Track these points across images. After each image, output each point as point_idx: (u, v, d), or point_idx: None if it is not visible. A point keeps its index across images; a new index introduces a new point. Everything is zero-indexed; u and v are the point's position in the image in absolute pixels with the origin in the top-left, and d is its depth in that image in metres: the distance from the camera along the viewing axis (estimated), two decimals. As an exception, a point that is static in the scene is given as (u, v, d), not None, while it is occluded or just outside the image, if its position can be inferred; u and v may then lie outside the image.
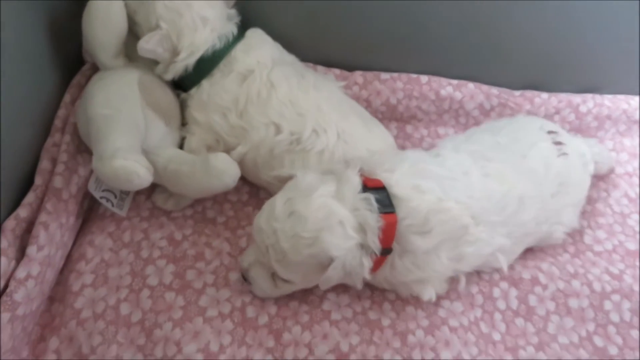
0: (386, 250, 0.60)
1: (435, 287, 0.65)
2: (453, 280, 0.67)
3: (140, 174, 0.58)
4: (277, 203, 0.60)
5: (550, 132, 0.71)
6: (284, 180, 0.63)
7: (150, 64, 0.70)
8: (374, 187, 0.60)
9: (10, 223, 0.61)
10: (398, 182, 0.61)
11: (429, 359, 0.62)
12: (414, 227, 0.60)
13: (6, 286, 0.58)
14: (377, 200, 0.59)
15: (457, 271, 0.66)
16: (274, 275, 0.62)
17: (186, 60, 0.68)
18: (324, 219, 0.58)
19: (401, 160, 0.64)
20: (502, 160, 0.66)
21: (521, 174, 0.66)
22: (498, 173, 0.65)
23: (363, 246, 0.59)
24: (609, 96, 0.85)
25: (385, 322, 0.65)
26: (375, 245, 0.58)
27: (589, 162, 0.73)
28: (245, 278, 0.64)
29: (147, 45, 0.66)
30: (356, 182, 0.60)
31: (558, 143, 0.70)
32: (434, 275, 0.64)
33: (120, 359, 0.60)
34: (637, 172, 0.83)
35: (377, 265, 0.61)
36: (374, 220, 0.58)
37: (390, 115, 0.85)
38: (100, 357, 0.60)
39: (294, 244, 0.58)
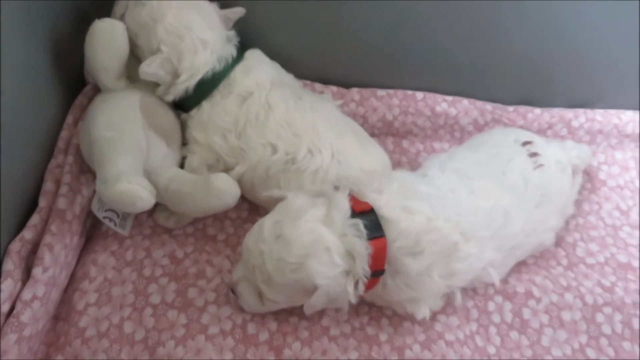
0: (378, 273, 0.60)
1: (430, 304, 0.65)
2: (449, 295, 0.68)
3: (144, 198, 0.60)
4: (266, 224, 0.60)
5: (525, 143, 0.72)
6: (278, 201, 0.65)
7: (152, 86, 0.71)
8: (363, 211, 0.61)
9: (15, 245, 0.62)
10: (387, 204, 0.61)
11: (426, 374, 0.64)
12: (405, 248, 0.61)
13: (12, 308, 0.59)
14: (366, 226, 0.59)
15: (450, 287, 0.66)
16: (260, 293, 0.62)
17: (187, 82, 0.69)
18: (311, 244, 0.58)
19: (389, 181, 0.65)
20: (484, 177, 0.68)
21: (504, 189, 0.67)
22: (482, 190, 0.66)
23: (349, 273, 0.59)
24: (600, 111, 0.87)
25: (383, 337, 0.66)
26: (365, 271, 0.58)
27: (566, 167, 0.73)
28: (233, 291, 0.65)
29: (149, 69, 0.67)
30: (346, 206, 0.60)
31: (534, 154, 0.71)
32: (427, 294, 0.64)
33: (124, 377, 0.61)
34: (628, 184, 0.85)
35: (369, 286, 0.61)
36: (362, 247, 0.58)
37: (386, 131, 0.87)
38: (105, 374, 0.61)
39: (279, 267, 0.58)
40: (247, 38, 0.77)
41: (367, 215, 0.60)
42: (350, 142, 0.72)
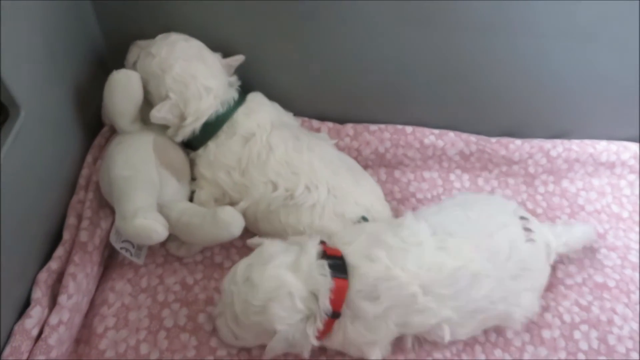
0: (336, 314, 0.62)
1: (384, 347, 0.67)
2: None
3: (159, 231, 0.66)
4: (239, 267, 0.64)
5: (522, 218, 0.73)
6: (278, 233, 0.70)
7: (163, 127, 0.77)
8: (332, 256, 0.64)
9: (43, 275, 0.68)
10: (353, 252, 0.65)
11: (415, 390, 0.68)
12: (363, 292, 0.63)
13: (41, 332, 0.65)
14: (331, 266, 0.62)
15: (402, 333, 0.68)
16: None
17: (193, 124, 0.75)
18: (274, 289, 0.61)
19: (359, 233, 0.68)
20: (464, 236, 0.68)
21: (481, 251, 0.67)
22: (456, 248, 0.66)
23: (310, 317, 0.62)
24: (577, 141, 0.92)
25: None
26: (326, 307, 0.61)
27: (552, 253, 0.73)
28: None
29: (159, 114, 0.73)
30: (314, 252, 0.64)
31: (527, 230, 0.71)
32: (382, 339, 0.66)
33: (141, 395, 0.67)
34: (605, 209, 0.90)
35: (326, 329, 0.63)
36: (325, 283, 0.61)
37: (379, 163, 0.92)
38: (123, 393, 0.67)
39: (245, 309, 0.62)
40: (249, 81, 0.83)
41: (335, 259, 0.64)
42: (344, 178, 0.77)
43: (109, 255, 0.79)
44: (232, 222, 0.71)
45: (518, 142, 0.92)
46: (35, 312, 0.65)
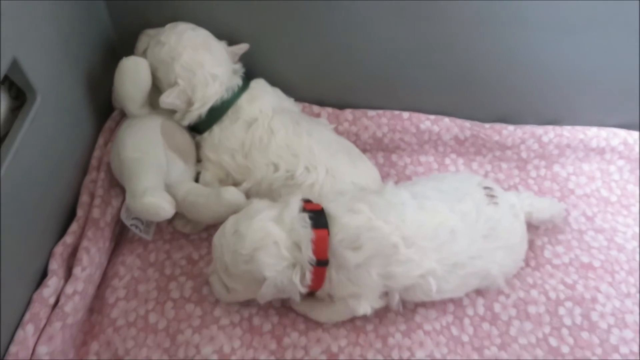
0: (322, 262, 0.66)
1: (370, 301, 0.70)
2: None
3: (166, 209, 0.70)
4: (228, 223, 0.68)
5: (485, 188, 0.77)
6: None
7: (170, 112, 0.81)
8: (312, 210, 0.67)
9: (59, 248, 0.73)
10: (335, 206, 0.68)
11: (406, 358, 0.72)
12: (345, 242, 0.66)
13: (57, 300, 0.70)
14: (311, 218, 0.66)
15: (388, 287, 0.70)
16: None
17: (199, 109, 0.79)
18: (261, 239, 0.64)
19: (344, 195, 0.72)
20: (438, 200, 0.72)
21: (455, 213, 0.71)
22: (433, 208, 0.71)
23: (296, 265, 0.65)
24: (568, 127, 0.94)
25: (369, 327, 0.75)
26: (310, 257, 0.65)
27: (519, 213, 0.77)
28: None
29: (168, 99, 0.77)
30: (296, 206, 0.67)
31: (491, 196, 0.75)
32: (367, 290, 0.68)
33: (149, 359, 0.71)
34: (594, 193, 0.92)
35: (319, 279, 0.67)
36: (306, 234, 0.65)
37: (377, 147, 0.95)
38: (134, 358, 0.71)
39: (234, 258, 0.66)
40: (252, 67, 0.86)
41: (315, 212, 0.67)
42: (342, 160, 0.80)
43: (119, 232, 0.83)
44: (235, 201, 0.75)
45: (511, 128, 0.94)
46: (52, 282, 0.70)
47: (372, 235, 0.66)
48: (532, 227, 0.87)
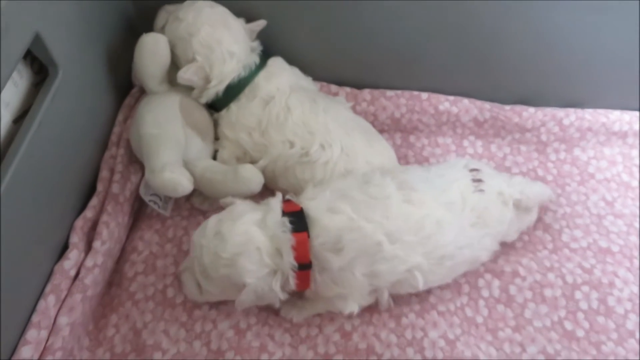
0: (305, 265, 0.65)
1: (358, 300, 0.69)
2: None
3: (184, 184, 0.71)
4: (210, 222, 0.66)
5: (472, 170, 0.74)
6: (293, 187, 0.74)
7: (189, 89, 0.81)
8: (292, 212, 0.66)
9: (79, 222, 0.74)
10: (315, 206, 0.67)
11: (419, 337, 0.73)
12: (327, 244, 0.65)
13: (78, 273, 0.71)
14: (291, 222, 0.64)
15: (375, 285, 0.68)
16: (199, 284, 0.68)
17: (217, 87, 0.79)
18: (243, 244, 0.63)
19: (324, 190, 0.69)
20: (425, 191, 0.70)
21: (440, 204, 0.69)
22: (419, 200, 0.68)
23: (277, 272, 0.64)
24: (590, 110, 0.92)
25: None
26: (291, 264, 0.64)
27: (507, 200, 0.74)
28: None
29: (185, 75, 0.77)
30: (278, 209, 0.66)
31: (477, 180, 0.73)
32: (352, 291, 0.67)
33: (167, 332, 0.73)
34: (615, 177, 0.91)
35: (304, 281, 0.66)
36: (286, 240, 0.63)
37: (395, 128, 0.95)
38: (151, 331, 0.73)
39: (213, 261, 0.64)
40: (271, 46, 0.86)
41: (295, 215, 0.66)
42: (357, 139, 0.80)
43: (138, 207, 0.85)
44: (252, 178, 0.76)
45: (531, 110, 0.93)
46: (73, 255, 0.71)
47: (354, 236, 0.65)
48: (550, 210, 0.87)
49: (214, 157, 0.83)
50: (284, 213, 0.66)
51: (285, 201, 0.69)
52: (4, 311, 0.59)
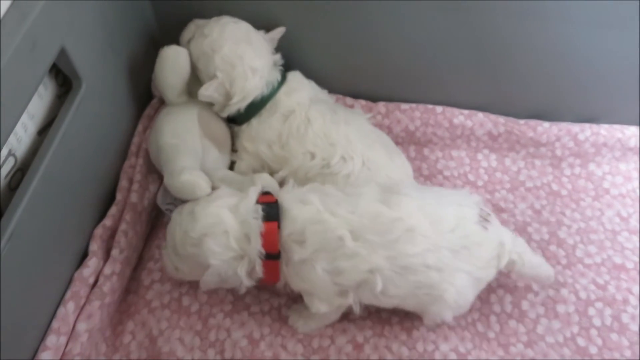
0: (273, 255, 0.65)
1: (325, 299, 0.67)
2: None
3: (202, 186, 0.70)
4: (189, 202, 0.68)
5: (482, 210, 0.69)
6: None
7: (207, 102, 0.82)
8: (267, 202, 0.67)
9: (98, 231, 0.75)
10: (289, 198, 0.67)
11: (430, 350, 0.73)
12: (293, 235, 0.65)
13: (96, 280, 0.73)
14: (264, 210, 0.65)
15: (340, 285, 0.66)
16: None
17: (238, 104, 0.79)
18: (212, 225, 0.64)
19: (304, 187, 0.70)
20: (412, 198, 0.66)
21: (425, 214, 0.65)
22: (397, 203, 0.65)
23: (243, 257, 0.65)
24: (605, 125, 0.92)
25: (395, 319, 0.75)
26: (257, 249, 0.64)
27: (503, 255, 0.68)
28: None
29: (206, 92, 0.78)
30: (254, 197, 0.67)
31: (485, 219, 0.68)
32: (317, 289, 0.66)
33: (182, 340, 0.74)
34: (630, 193, 0.91)
35: (272, 272, 0.66)
36: (256, 227, 0.64)
37: (409, 140, 0.95)
38: (166, 338, 0.74)
39: (183, 239, 0.66)
40: (287, 60, 0.87)
41: (269, 205, 0.66)
42: (379, 152, 0.80)
43: (155, 217, 0.86)
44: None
45: (546, 124, 0.93)
46: (92, 263, 0.73)
47: (317, 228, 0.64)
48: (564, 225, 0.87)
49: (231, 168, 0.84)
50: (260, 203, 0.67)
51: (266, 193, 0.70)
52: (25, 317, 0.61)
